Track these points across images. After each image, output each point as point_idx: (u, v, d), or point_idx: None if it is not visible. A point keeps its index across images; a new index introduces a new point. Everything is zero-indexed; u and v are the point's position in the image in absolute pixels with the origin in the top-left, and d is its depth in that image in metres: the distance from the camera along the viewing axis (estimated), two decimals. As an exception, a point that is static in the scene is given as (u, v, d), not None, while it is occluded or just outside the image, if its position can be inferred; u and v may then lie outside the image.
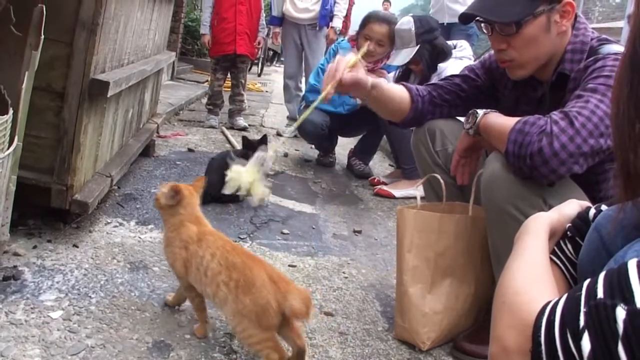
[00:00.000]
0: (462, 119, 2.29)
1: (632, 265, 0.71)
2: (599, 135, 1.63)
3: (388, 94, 2.19)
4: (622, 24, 9.29)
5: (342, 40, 4.97)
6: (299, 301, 1.67)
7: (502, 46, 1.94)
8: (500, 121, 1.83)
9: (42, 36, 1.93)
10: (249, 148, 2.80)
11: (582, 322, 0.72)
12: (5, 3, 1.87)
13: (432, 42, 3.91)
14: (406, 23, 3.95)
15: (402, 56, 3.95)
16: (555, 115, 1.66)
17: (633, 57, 0.83)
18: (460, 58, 4.00)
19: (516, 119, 1.74)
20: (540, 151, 1.61)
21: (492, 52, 2.20)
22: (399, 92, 2.23)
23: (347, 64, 1.99)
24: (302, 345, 1.74)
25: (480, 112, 1.94)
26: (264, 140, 2.98)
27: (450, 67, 3.82)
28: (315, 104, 1.92)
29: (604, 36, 1.95)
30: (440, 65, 3.92)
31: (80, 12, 2.26)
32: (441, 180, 2.10)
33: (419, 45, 3.88)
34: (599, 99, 1.67)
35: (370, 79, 2.08)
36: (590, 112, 1.64)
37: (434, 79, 3.80)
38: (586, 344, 0.71)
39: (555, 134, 1.61)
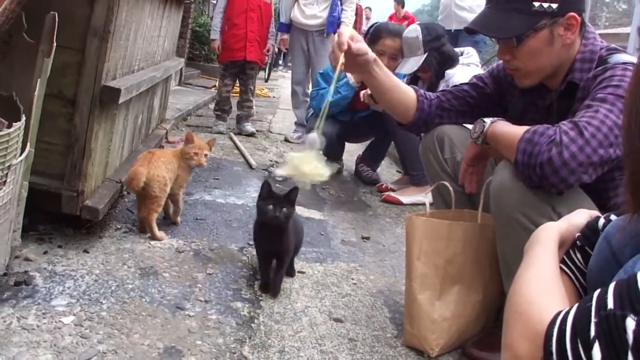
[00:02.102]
0: (470, 126, 2.30)
1: None
2: (609, 145, 1.64)
3: (390, 79, 2.20)
4: (629, 29, 9.29)
5: None
6: (127, 175, 2.64)
7: (506, 57, 1.96)
8: (509, 130, 1.84)
9: (55, 44, 1.95)
10: (270, 198, 2.39)
11: (592, 332, 0.74)
12: (19, 10, 1.89)
13: (440, 49, 3.93)
14: (413, 31, 3.96)
15: (410, 64, 3.96)
16: (565, 125, 1.67)
17: None
18: (468, 65, 4.01)
19: (524, 128, 1.74)
20: (550, 161, 1.62)
21: (499, 62, 2.22)
22: (404, 87, 2.25)
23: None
24: (141, 217, 2.71)
25: (488, 120, 1.95)
26: (294, 194, 2.51)
27: (458, 74, 3.83)
28: (334, 82, 2.10)
29: (613, 45, 1.95)
30: (448, 72, 3.93)
31: (92, 20, 2.28)
32: (450, 188, 2.11)
33: (426, 53, 3.89)
34: (608, 108, 1.67)
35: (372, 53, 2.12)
36: (600, 122, 1.65)
37: (442, 86, 3.82)
38: (597, 353, 0.72)
39: (565, 144, 1.62)
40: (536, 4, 1.83)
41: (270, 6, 6.06)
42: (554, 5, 1.83)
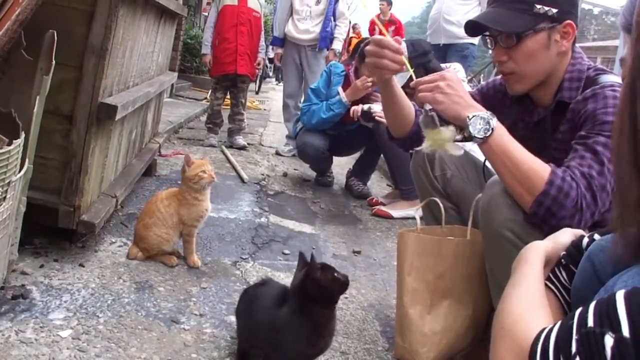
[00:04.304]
0: (461, 144, 2.33)
1: (619, 296, 0.78)
2: (609, 204, 1.71)
3: (402, 92, 2.23)
4: (617, 42, 9.40)
5: (334, 62, 5.03)
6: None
7: (503, 58, 1.99)
8: (525, 160, 1.74)
9: (54, 61, 1.98)
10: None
11: (574, 348, 0.79)
12: (20, 30, 1.93)
13: (426, 65, 3.98)
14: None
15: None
16: (581, 182, 1.68)
17: (631, 98, 0.90)
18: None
19: (541, 167, 1.71)
20: (569, 225, 1.62)
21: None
22: (409, 102, 2.26)
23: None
24: None
25: (494, 121, 1.76)
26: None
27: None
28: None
29: (600, 66, 2.01)
30: None
31: (90, 38, 2.31)
32: (441, 205, 2.15)
33: (413, 69, 3.94)
34: (609, 157, 1.72)
35: None
36: (607, 180, 1.70)
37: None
38: (578, 368, 0.77)
39: (584, 211, 1.66)
40: (538, 6, 1.89)
41: (260, 20, 6.11)
42: (554, 10, 1.89)
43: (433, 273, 2.05)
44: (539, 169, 1.71)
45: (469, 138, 1.78)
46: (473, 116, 1.76)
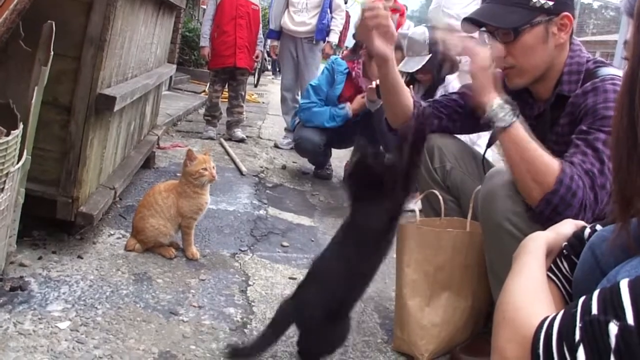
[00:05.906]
0: (460, 136, 2.33)
1: (623, 284, 0.77)
2: (606, 201, 1.71)
3: (401, 80, 2.20)
4: (616, 37, 9.37)
5: (336, 58, 5.02)
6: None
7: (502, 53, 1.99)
8: (539, 154, 1.74)
9: (52, 52, 1.97)
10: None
11: (577, 336, 0.78)
12: (19, 20, 1.92)
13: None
14: (420, 33, 4.06)
15: (413, 63, 4.03)
16: (586, 181, 1.68)
17: (630, 88, 0.89)
18: (466, 72, 4.09)
19: (552, 164, 1.71)
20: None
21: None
22: (408, 90, 2.24)
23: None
24: None
25: (517, 109, 1.82)
26: None
27: (456, 80, 3.92)
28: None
29: (599, 58, 2.01)
30: (448, 77, 4.02)
31: (88, 28, 2.30)
32: (440, 197, 2.15)
33: (430, 55, 3.97)
34: (609, 155, 1.71)
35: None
36: (608, 180, 1.69)
37: (440, 91, 3.90)
38: (581, 356, 0.77)
39: (587, 210, 1.67)
40: None
41: (259, 12, 6.09)
42: (550, 3, 1.88)
43: (432, 265, 2.05)
44: (551, 165, 1.71)
45: (490, 122, 1.82)
46: (503, 101, 1.79)
